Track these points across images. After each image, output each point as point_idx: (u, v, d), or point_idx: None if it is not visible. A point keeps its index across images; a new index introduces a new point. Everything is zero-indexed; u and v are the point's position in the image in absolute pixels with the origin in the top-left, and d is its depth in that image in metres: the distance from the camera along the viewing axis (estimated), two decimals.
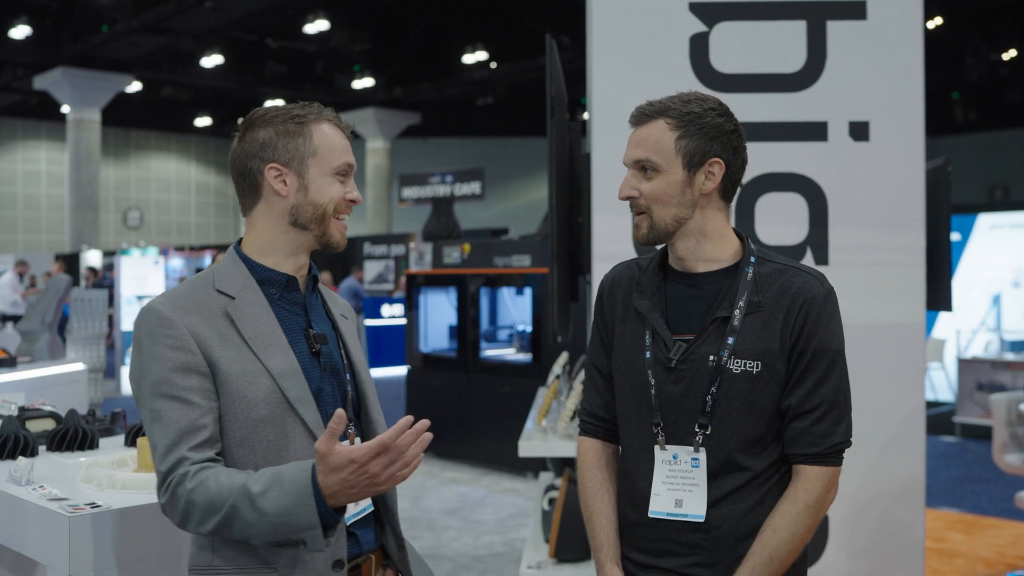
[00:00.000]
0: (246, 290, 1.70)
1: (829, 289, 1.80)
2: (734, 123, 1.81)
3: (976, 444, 8.59)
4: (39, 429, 2.76)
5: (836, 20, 3.13)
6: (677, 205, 1.78)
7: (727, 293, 1.78)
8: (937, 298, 3.26)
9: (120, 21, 17.48)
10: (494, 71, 20.39)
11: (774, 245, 3.09)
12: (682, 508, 1.78)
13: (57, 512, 1.93)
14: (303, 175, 1.71)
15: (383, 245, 17.58)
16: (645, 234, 1.81)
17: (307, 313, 1.77)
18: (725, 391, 1.75)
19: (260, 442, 1.63)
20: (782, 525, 1.74)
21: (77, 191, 21.11)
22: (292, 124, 1.71)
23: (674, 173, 1.77)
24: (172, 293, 1.69)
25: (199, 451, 1.58)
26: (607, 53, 3.17)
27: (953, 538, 5.64)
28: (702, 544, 1.77)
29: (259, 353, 1.64)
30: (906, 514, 3.16)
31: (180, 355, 1.60)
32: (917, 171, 3.15)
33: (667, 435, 1.80)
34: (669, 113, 1.77)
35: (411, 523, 6.04)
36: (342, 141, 1.75)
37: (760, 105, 3.11)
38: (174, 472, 1.56)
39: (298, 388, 1.66)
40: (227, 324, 1.65)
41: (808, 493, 1.75)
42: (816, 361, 1.75)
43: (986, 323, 10.17)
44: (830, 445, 1.76)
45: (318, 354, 1.74)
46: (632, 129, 1.83)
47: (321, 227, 1.73)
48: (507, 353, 8.02)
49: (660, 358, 1.80)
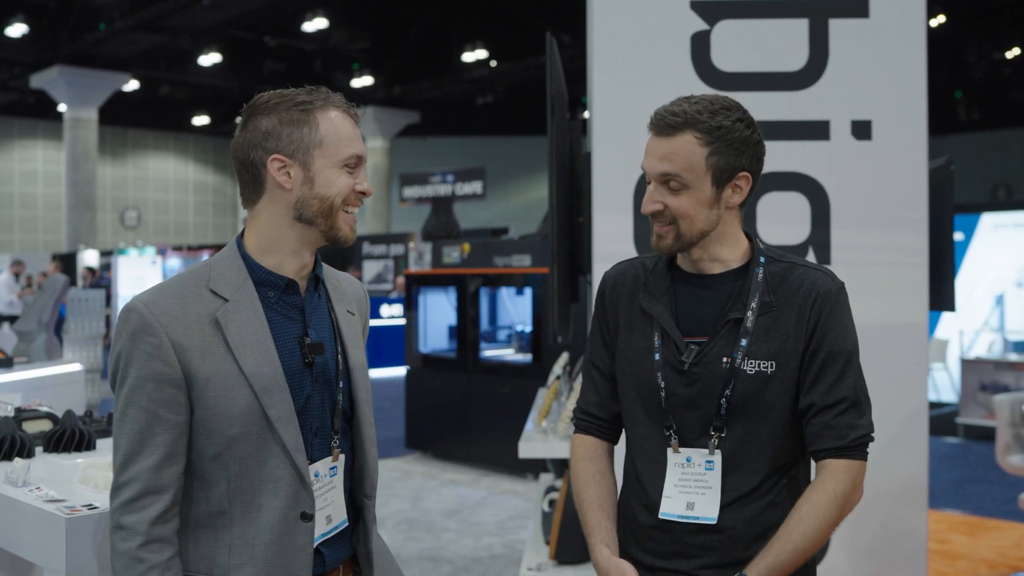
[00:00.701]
0: (241, 293, 1.63)
1: (840, 285, 1.80)
2: (758, 132, 1.79)
3: (979, 445, 8.59)
4: (36, 430, 2.75)
5: (838, 18, 3.13)
6: (704, 220, 1.76)
7: (739, 295, 1.77)
8: (940, 298, 3.26)
9: (117, 19, 17.48)
10: (494, 70, 20.39)
11: (776, 245, 3.09)
12: (694, 511, 1.77)
13: (54, 514, 1.93)
14: (308, 167, 1.63)
15: (382, 245, 17.59)
16: (670, 244, 1.78)
17: (305, 318, 1.70)
18: (740, 393, 1.74)
19: (234, 459, 1.59)
20: (810, 513, 1.71)
21: (74, 190, 21.11)
22: (297, 112, 1.62)
23: (703, 190, 1.75)
24: (161, 291, 1.62)
25: (163, 526, 1.57)
26: (608, 51, 3.17)
27: (956, 540, 5.64)
28: (714, 546, 1.77)
29: (243, 363, 1.59)
30: (909, 516, 3.16)
31: (157, 364, 1.57)
32: (920, 170, 3.15)
33: (680, 438, 1.79)
34: (698, 127, 1.73)
35: (410, 525, 6.04)
36: (350, 129, 1.66)
37: (762, 104, 3.11)
38: (129, 519, 1.56)
39: (280, 406, 1.61)
40: (214, 331, 1.59)
41: (837, 485, 1.73)
42: (833, 359, 1.75)
43: (989, 323, 10.17)
44: (856, 437, 1.74)
45: (311, 364, 1.68)
46: (652, 136, 1.78)
47: (328, 221, 1.65)
48: (507, 354, 8.03)
49: (671, 360, 1.79)
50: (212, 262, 1.68)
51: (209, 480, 1.61)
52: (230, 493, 1.61)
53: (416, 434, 8.26)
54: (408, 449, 8.32)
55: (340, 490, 1.75)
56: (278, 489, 1.62)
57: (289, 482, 1.62)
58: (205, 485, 1.62)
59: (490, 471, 7.63)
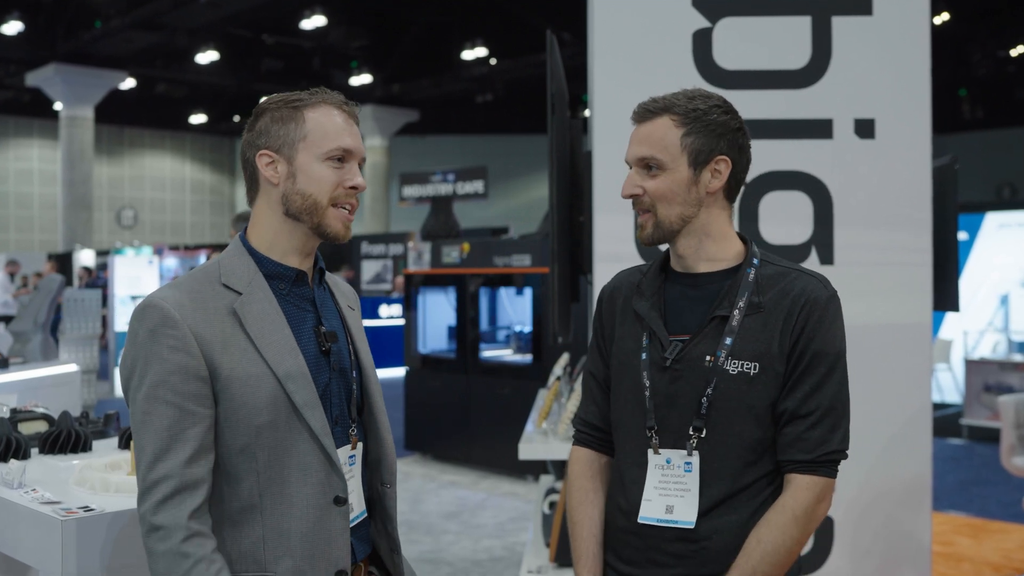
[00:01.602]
0: (253, 285, 1.65)
1: (832, 293, 1.78)
2: (739, 121, 1.80)
3: (983, 447, 8.59)
4: (31, 431, 2.75)
5: (841, 16, 3.13)
6: (683, 203, 1.77)
7: (727, 293, 1.77)
8: (944, 298, 3.26)
9: (114, 17, 17.48)
10: (494, 67, 20.38)
11: (778, 244, 3.09)
12: (672, 514, 1.76)
13: (50, 516, 1.93)
14: (292, 161, 1.65)
15: (381, 244, 17.58)
16: (650, 233, 1.80)
17: (317, 309, 1.73)
18: (721, 392, 1.73)
19: (262, 449, 1.60)
20: (767, 536, 1.70)
21: (70, 190, 21.11)
22: (287, 109, 1.66)
23: (680, 171, 1.76)
24: (176, 287, 1.64)
25: (200, 521, 1.55)
26: (608, 49, 3.17)
27: (960, 542, 5.64)
28: (688, 555, 1.74)
29: (265, 353, 1.61)
30: (912, 518, 3.16)
31: (182, 357, 1.57)
32: (923, 169, 3.15)
33: (661, 439, 1.78)
34: (674, 110, 1.76)
35: (409, 527, 6.04)
36: (338, 123, 1.67)
37: (764, 102, 3.11)
38: (155, 494, 1.53)
39: (305, 391, 1.63)
40: (233, 323, 1.61)
41: (796, 503, 1.71)
42: (815, 364, 1.72)
43: (994, 323, 10.17)
44: (824, 453, 1.72)
45: (327, 352, 1.70)
46: (634, 126, 1.82)
47: (315, 218, 1.66)
48: (507, 354, 8.03)
49: (655, 358, 1.78)
50: (220, 259, 1.70)
51: (237, 475, 1.61)
52: (260, 486, 1.61)
53: (415, 435, 8.26)
54: (407, 450, 8.32)
55: (359, 479, 1.77)
56: (308, 476, 1.63)
57: (319, 468, 1.64)
58: (233, 480, 1.62)
59: (490, 473, 7.63)
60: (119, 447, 2.69)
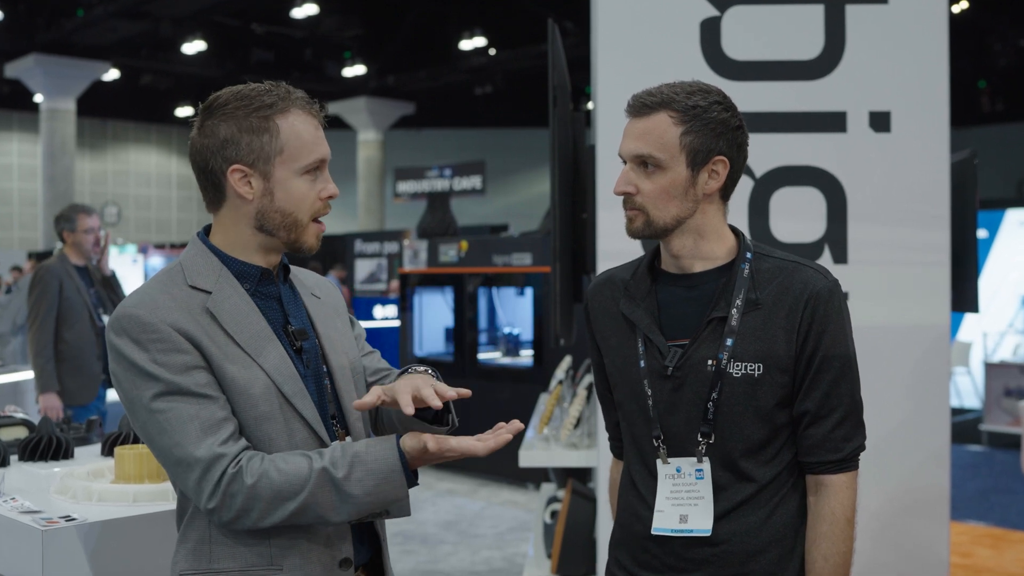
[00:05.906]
0: (221, 282, 1.66)
1: (833, 281, 1.79)
2: (739, 118, 1.80)
3: (1004, 453, 8.59)
4: (11, 437, 2.76)
5: (855, 4, 3.13)
6: (679, 204, 1.77)
7: (723, 292, 1.77)
8: (963, 299, 3.26)
9: (97, 5, 17.46)
10: (493, 58, 20.37)
11: (790, 243, 3.09)
12: (687, 524, 1.78)
13: (30, 526, 1.93)
14: (269, 177, 1.64)
15: (375, 242, 17.56)
16: (640, 228, 1.81)
17: (283, 307, 1.74)
18: (727, 396, 1.74)
19: (264, 441, 1.62)
20: (830, 550, 1.76)
21: (51, 185, 21.10)
22: (256, 118, 1.63)
23: (677, 170, 1.76)
24: (143, 293, 1.63)
25: (232, 444, 1.57)
26: (613, 39, 3.17)
27: (980, 553, 5.64)
28: (709, 560, 1.77)
29: (248, 348, 1.63)
30: (930, 528, 3.16)
31: (176, 356, 1.58)
32: (941, 164, 3.15)
33: (669, 447, 1.80)
34: (673, 105, 1.75)
35: (405, 537, 6.04)
36: (313, 132, 1.67)
37: (775, 94, 3.11)
38: (213, 470, 1.54)
39: (291, 382, 1.66)
40: (210, 321, 1.62)
41: (844, 507, 1.77)
42: (828, 364, 1.75)
43: (1014, 325, 10.17)
44: (852, 450, 1.78)
45: (300, 351, 1.72)
46: (629, 119, 1.81)
47: (292, 234, 1.68)
48: (506, 357, 8.03)
49: (655, 367, 1.79)
50: (182, 261, 1.71)
51: None
52: None
53: None
54: None
55: None
56: None
57: None
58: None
59: (489, 481, 7.63)
60: (102, 454, 2.69)
